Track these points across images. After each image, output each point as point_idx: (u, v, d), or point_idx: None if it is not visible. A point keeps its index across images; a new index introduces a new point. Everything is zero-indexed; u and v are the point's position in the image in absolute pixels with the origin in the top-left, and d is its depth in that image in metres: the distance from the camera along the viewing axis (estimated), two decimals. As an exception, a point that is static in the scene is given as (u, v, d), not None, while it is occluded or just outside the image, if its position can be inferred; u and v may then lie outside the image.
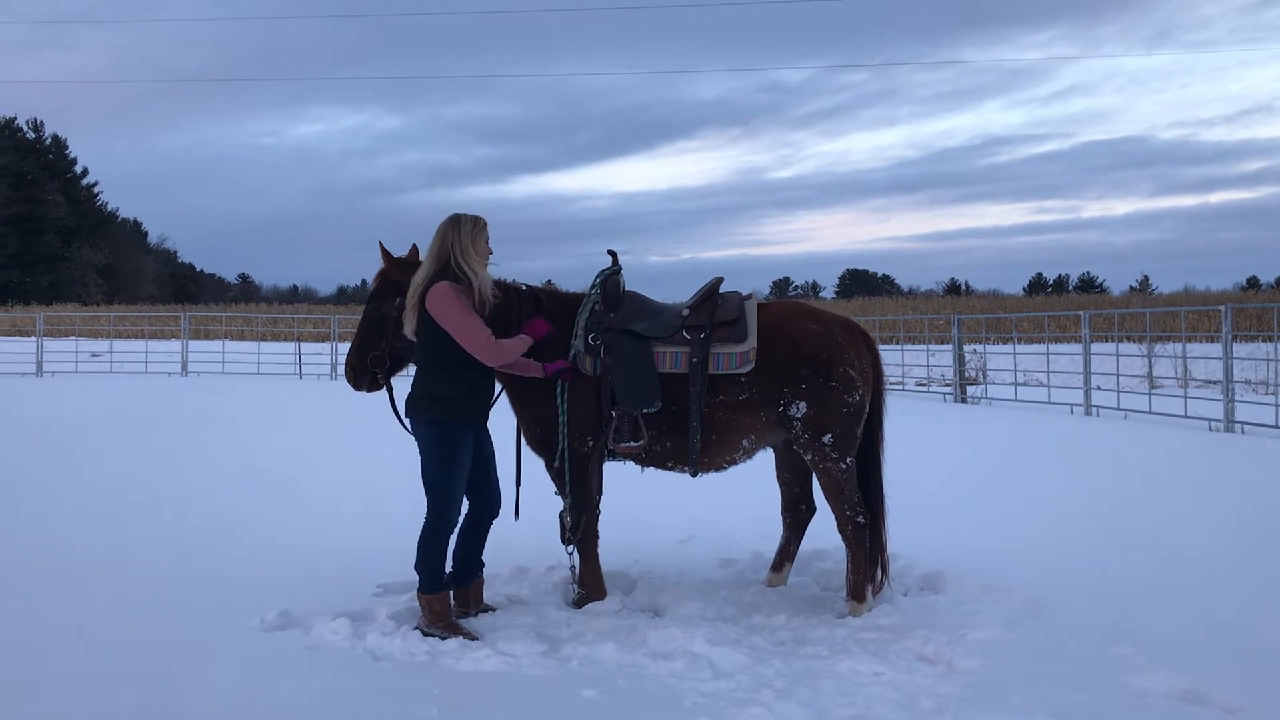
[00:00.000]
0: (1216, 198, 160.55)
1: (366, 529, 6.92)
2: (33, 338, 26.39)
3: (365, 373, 5.22)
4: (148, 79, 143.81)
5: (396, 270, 5.18)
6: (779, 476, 5.66)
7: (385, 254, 5.24)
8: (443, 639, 4.63)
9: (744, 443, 5.17)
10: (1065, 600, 5.15)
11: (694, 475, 5.25)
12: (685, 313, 5.18)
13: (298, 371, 25.21)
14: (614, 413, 5.00)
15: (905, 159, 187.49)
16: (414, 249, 5.25)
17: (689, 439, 5.07)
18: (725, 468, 5.29)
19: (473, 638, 4.66)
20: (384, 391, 5.27)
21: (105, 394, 18.77)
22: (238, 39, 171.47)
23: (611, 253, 5.36)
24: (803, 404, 5.06)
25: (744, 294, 5.28)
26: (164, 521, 7.21)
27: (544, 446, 5.16)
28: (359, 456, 10.38)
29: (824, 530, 5.67)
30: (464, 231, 4.79)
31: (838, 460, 5.12)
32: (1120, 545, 6.46)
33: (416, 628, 4.74)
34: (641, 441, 5.02)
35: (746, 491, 7.07)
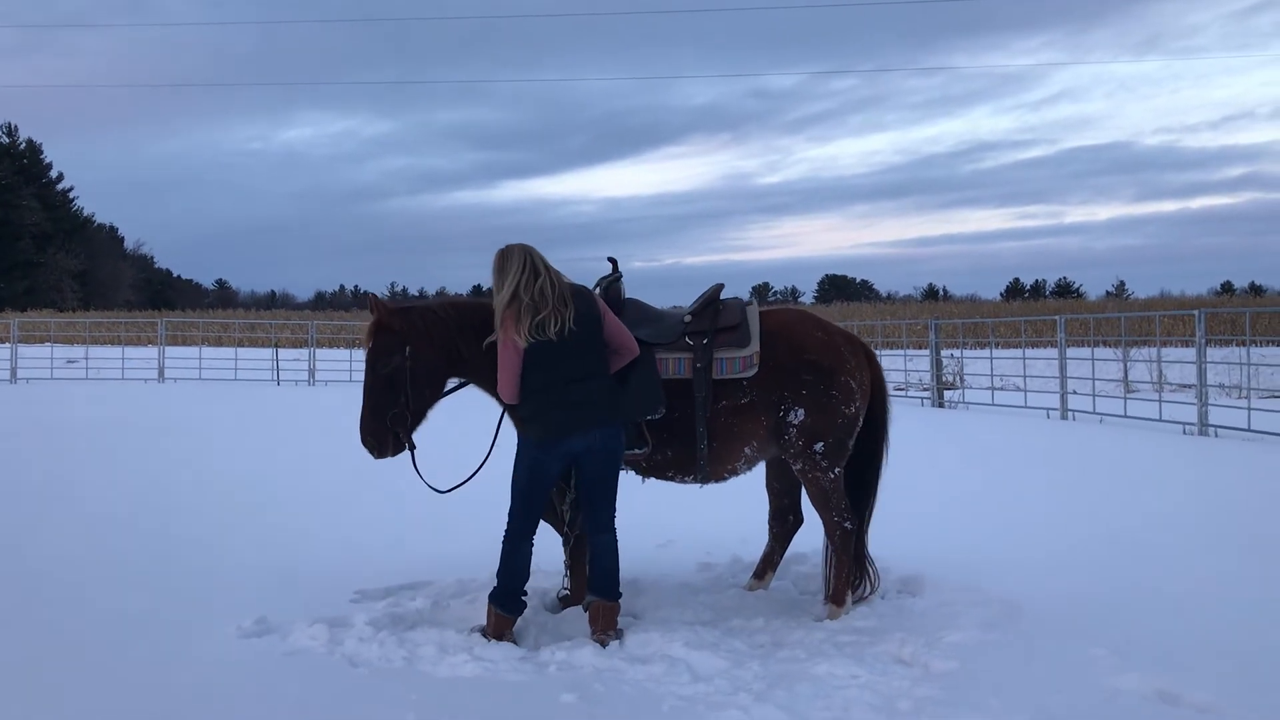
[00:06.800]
0: (1197, 203, 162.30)
1: (343, 536, 6.87)
2: (6, 344, 26.11)
3: (388, 435, 4.82)
4: (134, 84, 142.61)
5: (397, 320, 4.84)
6: (769, 486, 5.67)
7: (381, 306, 4.86)
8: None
9: (746, 450, 5.16)
10: (1042, 602, 5.19)
11: (701, 484, 5.24)
12: (687, 319, 5.18)
13: (275, 377, 25.09)
14: None
15: (892, 165, 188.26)
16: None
17: (693, 446, 5.06)
18: (726, 478, 5.28)
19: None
20: (406, 450, 4.90)
21: (80, 401, 18.59)
22: (227, 43, 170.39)
23: (612, 260, 5.34)
24: (801, 410, 5.06)
25: (745, 300, 5.31)
26: (140, 528, 7.15)
27: None
28: (336, 463, 10.31)
29: (802, 534, 5.69)
30: None
31: (827, 470, 5.12)
32: (1096, 548, 6.51)
33: (604, 637, 4.71)
34: (645, 449, 5.02)
35: (724, 496, 7.04)
